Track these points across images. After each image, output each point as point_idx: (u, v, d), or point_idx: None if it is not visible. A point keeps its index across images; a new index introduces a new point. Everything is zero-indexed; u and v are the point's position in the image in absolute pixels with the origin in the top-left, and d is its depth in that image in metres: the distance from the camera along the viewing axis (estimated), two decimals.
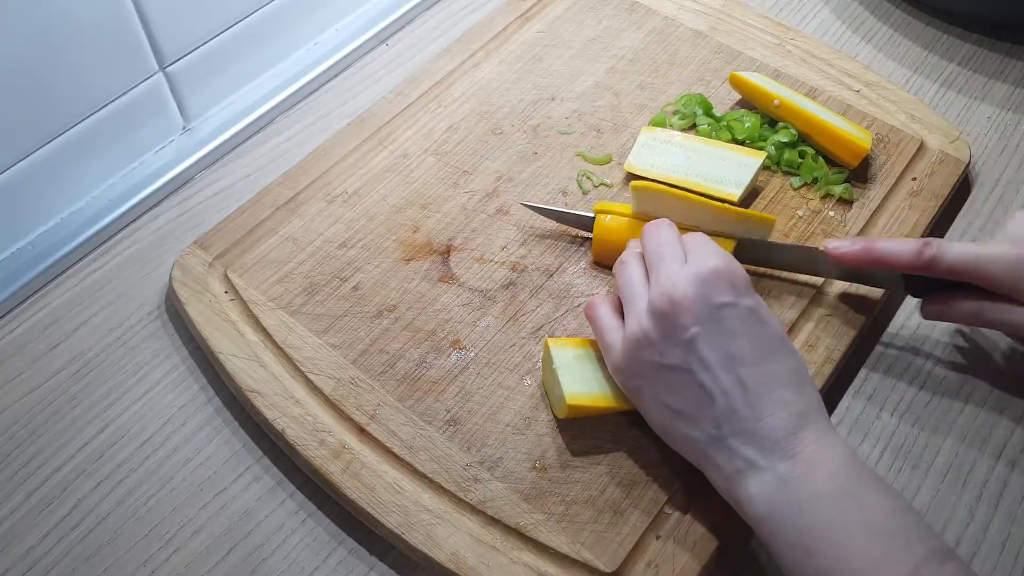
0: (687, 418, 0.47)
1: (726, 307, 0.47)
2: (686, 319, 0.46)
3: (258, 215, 0.63)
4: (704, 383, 0.46)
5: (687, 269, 0.48)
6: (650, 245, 0.51)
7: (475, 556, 0.49)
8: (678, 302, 0.47)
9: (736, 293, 0.47)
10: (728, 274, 0.48)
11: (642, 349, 0.48)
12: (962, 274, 0.51)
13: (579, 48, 0.74)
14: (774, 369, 0.46)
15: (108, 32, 0.59)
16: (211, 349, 0.56)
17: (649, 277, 0.50)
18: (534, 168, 0.66)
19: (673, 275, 0.48)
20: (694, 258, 0.49)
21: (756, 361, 0.46)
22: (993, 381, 0.57)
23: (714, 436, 0.46)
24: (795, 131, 0.65)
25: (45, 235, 0.63)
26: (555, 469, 0.52)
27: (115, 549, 0.51)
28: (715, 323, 0.46)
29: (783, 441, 0.45)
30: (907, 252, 0.52)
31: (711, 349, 0.46)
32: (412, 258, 0.61)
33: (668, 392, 0.48)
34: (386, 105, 0.69)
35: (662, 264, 0.49)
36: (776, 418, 0.45)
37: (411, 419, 0.54)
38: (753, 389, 0.46)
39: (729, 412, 0.46)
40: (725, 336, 0.46)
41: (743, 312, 0.47)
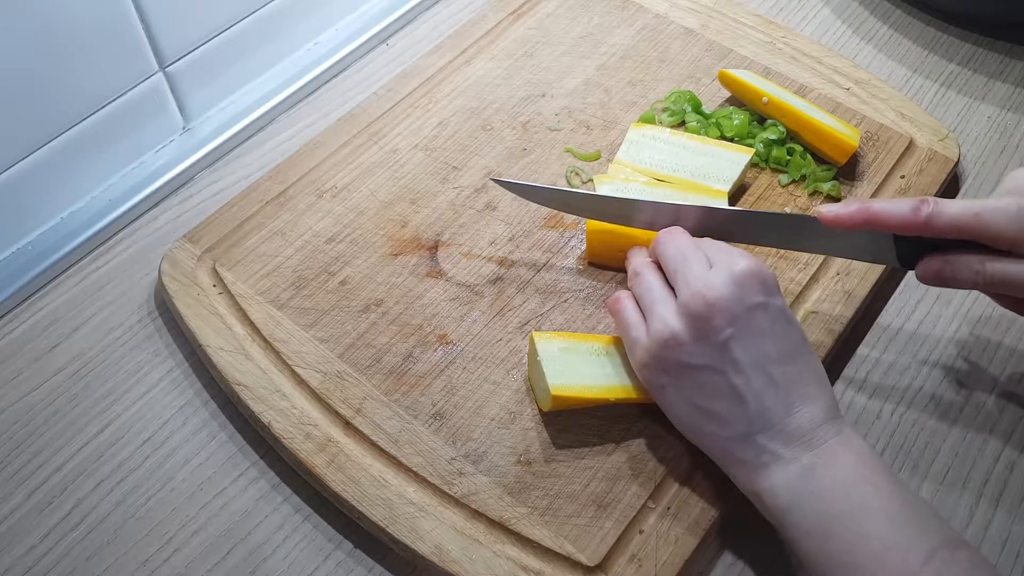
0: (716, 417, 0.47)
1: (759, 308, 0.47)
2: (720, 320, 0.46)
3: (247, 209, 0.63)
4: (736, 384, 0.46)
5: (719, 271, 0.48)
6: (669, 250, 0.51)
7: (459, 549, 0.49)
8: (713, 303, 0.46)
9: (768, 293, 0.47)
10: (760, 274, 0.48)
11: (670, 349, 0.48)
12: (963, 229, 0.48)
13: (570, 45, 0.74)
14: (801, 367, 0.47)
15: (108, 32, 0.59)
16: (198, 342, 0.56)
17: (673, 281, 0.49)
18: (523, 164, 0.66)
19: (704, 276, 0.48)
20: (723, 259, 0.48)
21: (785, 360, 0.47)
22: (992, 381, 0.57)
23: (742, 434, 0.46)
24: (783, 128, 0.66)
25: (45, 235, 0.63)
26: (539, 463, 0.52)
27: (115, 549, 0.51)
28: (748, 324, 0.47)
29: (808, 434, 0.46)
30: (904, 210, 0.49)
31: (744, 350, 0.46)
32: (400, 253, 0.61)
33: (697, 392, 0.48)
34: (377, 101, 0.70)
35: (688, 266, 0.49)
36: (804, 414, 0.46)
37: (397, 413, 0.54)
38: (784, 387, 0.46)
39: (760, 411, 0.46)
40: (757, 337, 0.47)
41: (774, 312, 0.47)
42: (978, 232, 0.48)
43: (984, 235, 0.48)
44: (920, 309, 0.61)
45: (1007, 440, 0.55)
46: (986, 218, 0.48)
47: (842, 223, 0.51)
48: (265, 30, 0.70)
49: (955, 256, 0.50)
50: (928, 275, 0.51)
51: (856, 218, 0.51)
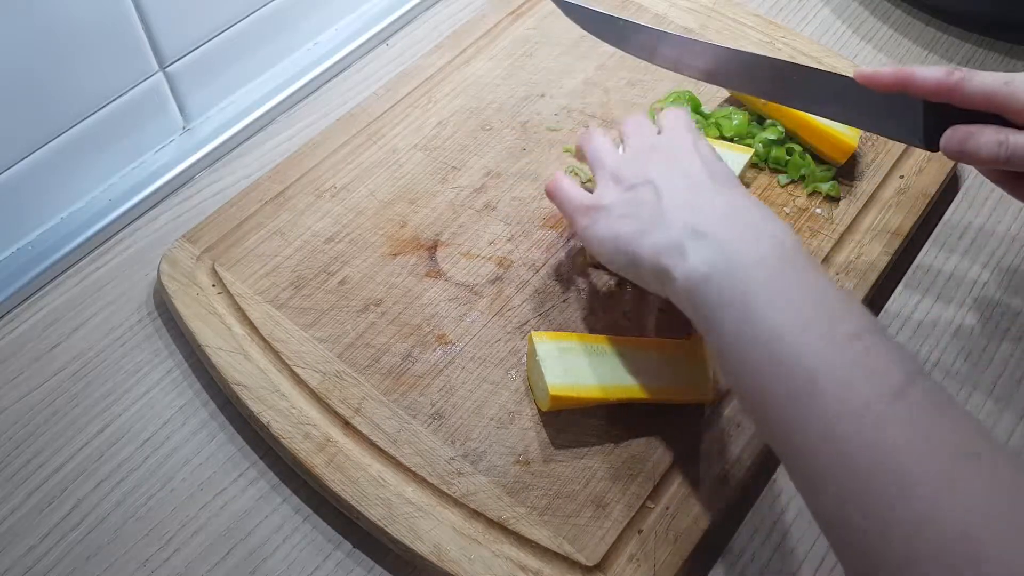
0: (634, 218, 0.49)
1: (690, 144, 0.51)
2: (645, 143, 0.53)
3: (247, 209, 0.63)
4: (660, 189, 0.49)
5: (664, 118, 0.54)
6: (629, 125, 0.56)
7: (457, 549, 0.49)
8: (646, 134, 0.53)
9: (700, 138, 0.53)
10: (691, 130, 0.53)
11: (613, 188, 0.51)
12: (992, 96, 0.48)
13: (569, 45, 0.74)
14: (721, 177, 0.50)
15: (108, 32, 0.59)
16: (198, 342, 0.56)
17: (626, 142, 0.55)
18: (522, 164, 0.66)
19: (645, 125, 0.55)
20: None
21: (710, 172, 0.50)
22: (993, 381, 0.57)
23: (654, 223, 0.48)
24: (783, 128, 0.66)
25: (45, 235, 0.63)
26: (538, 463, 0.52)
27: (115, 549, 0.51)
28: (672, 148, 0.51)
29: (727, 217, 0.47)
30: (937, 73, 0.49)
31: (666, 167, 0.50)
32: (399, 253, 0.61)
33: (629, 209, 0.50)
34: (377, 101, 0.70)
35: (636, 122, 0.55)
36: (720, 195, 0.48)
37: (396, 413, 0.54)
38: (696, 178, 0.49)
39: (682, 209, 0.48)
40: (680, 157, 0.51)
41: (702, 149, 0.51)
42: (1007, 101, 0.48)
43: (1013, 105, 0.47)
44: (920, 309, 0.60)
45: (1007, 440, 0.55)
46: (1016, 87, 0.47)
47: (878, 82, 0.51)
48: (265, 30, 0.70)
49: (981, 127, 0.49)
50: (952, 145, 0.50)
51: (891, 78, 0.51)
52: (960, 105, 0.49)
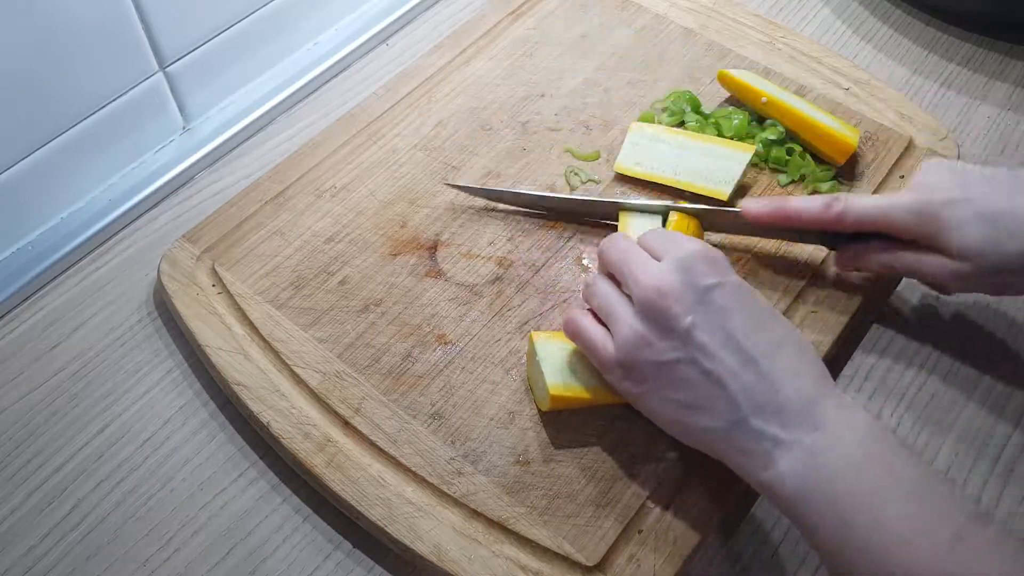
0: (700, 410, 0.46)
1: (714, 288, 0.46)
2: (678, 308, 0.46)
3: (247, 209, 0.63)
4: (710, 369, 0.45)
5: (665, 261, 0.48)
6: (613, 254, 0.50)
7: (457, 549, 0.49)
8: (667, 293, 0.46)
9: (719, 273, 0.47)
10: (707, 255, 0.48)
11: (639, 351, 0.47)
12: (869, 225, 0.53)
13: (569, 45, 0.74)
14: (775, 337, 0.46)
15: (108, 32, 0.59)
16: (197, 342, 0.56)
17: (624, 284, 0.49)
18: (522, 164, 0.66)
19: (651, 269, 0.47)
20: (668, 248, 0.48)
21: (756, 331, 0.46)
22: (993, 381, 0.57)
23: (733, 421, 0.45)
24: (783, 128, 0.66)
25: (45, 235, 0.63)
26: (538, 463, 0.52)
27: (115, 549, 0.51)
28: (707, 306, 0.46)
29: (805, 411, 0.44)
30: (816, 208, 0.54)
31: (709, 333, 0.46)
32: (399, 253, 0.61)
33: (675, 388, 0.46)
34: (376, 100, 0.70)
35: (635, 265, 0.48)
36: (792, 386, 0.44)
37: (396, 413, 0.54)
38: (761, 359, 0.45)
39: (742, 391, 0.45)
40: (719, 316, 0.46)
41: (731, 289, 0.47)
42: (884, 227, 0.53)
43: (890, 230, 0.53)
44: (920, 309, 0.60)
45: (1007, 440, 0.55)
46: (891, 215, 0.53)
47: (760, 220, 0.56)
48: (265, 30, 0.70)
49: (869, 247, 0.55)
50: (845, 264, 0.58)
51: (775, 215, 0.56)
52: (843, 231, 0.55)
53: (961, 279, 0.51)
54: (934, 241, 0.51)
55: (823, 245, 0.58)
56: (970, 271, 0.51)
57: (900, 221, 0.52)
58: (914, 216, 0.52)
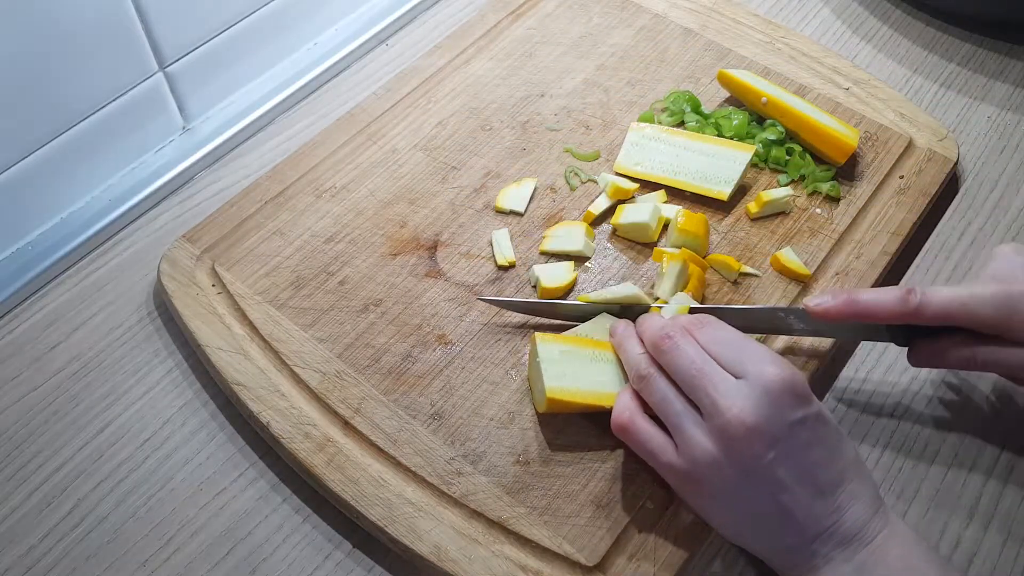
0: (765, 531, 0.46)
1: (798, 423, 0.45)
2: (760, 446, 0.44)
3: (246, 209, 0.63)
4: (783, 502, 0.44)
5: (749, 388, 0.45)
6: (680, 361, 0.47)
7: (457, 549, 0.49)
8: (752, 428, 0.44)
9: (804, 403, 0.45)
10: (792, 384, 0.45)
11: (708, 470, 0.45)
12: (950, 318, 0.50)
13: (569, 45, 0.74)
14: (842, 467, 0.45)
15: (108, 32, 0.59)
16: (197, 342, 0.56)
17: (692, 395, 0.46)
18: (522, 164, 0.66)
19: (734, 396, 0.44)
20: (746, 365, 0.45)
21: (829, 465, 0.45)
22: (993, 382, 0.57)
23: (794, 544, 0.45)
24: (783, 128, 0.66)
25: (45, 235, 0.63)
26: (538, 463, 0.52)
27: (115, 549, 0.51)
28: (790, 442, 0.44)
29: (859, 532, 0.45)
30: (892, 301, 0.50)
31: (788, 469, 0.44)
32: (399, 253, 0.61)
33: (739, 507, 0.46)
34: (376, 101, 0.70)
35: (709, 382, 0.45)
36: (852, 513, 0.45)
37: (396, 413, 0.54)
38: (830, 493, 0.45)
39: (809, 519, 0.45)
40: (800, 452, 0.44)
41: (812, 422, 0.45)
42: (965, 320, 0.50)
43: (971, 323, 0.49)
44: None
45: (1006, 440, 0.55)
46: (973, 307, 0.49)
47: (830, 316, 0.51)
48: (265, 30, 0.70)
49: (945, 344, 0.51)
50: (920, 361, 0.53)
51: (844, 311, 0.51)
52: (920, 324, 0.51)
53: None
54: (1019, 334, 0.49)
55: (892, 342, 0.54)
56: None
57: (983, 313, 0.49)
58: (998, 308, 0.49)
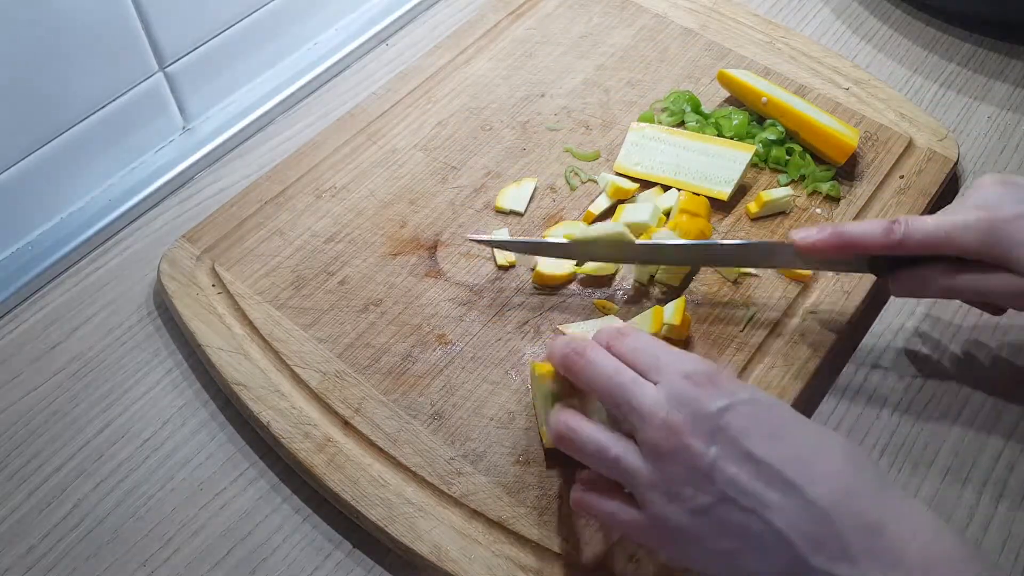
0: (750, 554, 0.40)
1: (726, 410, 0.41)
2: (697, 442, 0.41)
3: (246, 209, 0.63)
4: (748, 506, 0.40)
5: (666, 387, 0.42)
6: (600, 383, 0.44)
7: (457, 548, 0.49)
8: (681, 425, 0.41)
9: (729, 392, 0.42)
10: (710, 373, 0.43)
11: (667, 507, 0.41)
12: (934, 247, 0.50)
13: (569, 45, 0.74)
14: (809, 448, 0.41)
15: (108, 32, 0.59)
16: (197, 342, 0.56)
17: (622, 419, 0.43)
18: (522, 164, 0.66)
19: (653, 399, 0.42)
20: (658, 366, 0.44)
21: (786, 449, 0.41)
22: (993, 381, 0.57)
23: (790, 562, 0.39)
24: (783, 128, 0.66)
25: (45, 235, 0.63)
26: (538, 463, 0.52)
27: (115, 549, 0.51)
28: (724, 432, 0.41)
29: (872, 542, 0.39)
30: (877, 233, 0.51)
31: (735, 463, 0.40)
32: (399, 253, 0.61)
33: (717, 536, 0.41)
34: (376, 100, 0.70)
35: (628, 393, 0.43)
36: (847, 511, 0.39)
37: (396, 413, 0.54)
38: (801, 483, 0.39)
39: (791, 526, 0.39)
40: (742, 440, 0.41)
41: (744, 405, 0.42)
42: (949, 248, 0.50)
43: (955, 250, 0.50)
44: (920, 308, 0.60)
45: (1007, 440, 0.55)
46: (956, 235, 0.50)
47: (816, 250, 0.52)
48: (265, 30, 0.70)
49: (927, 271, 0.52)
50: (903, 290, 0.54)
51: (830, 243, 0.52)
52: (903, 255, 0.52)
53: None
54: (1003, 259, 0.49)
55: (873, 273, 0.55)
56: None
57: (967, 241, 0.49)
58: (982, 234, 0.49)
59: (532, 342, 0.57)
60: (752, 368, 0.56)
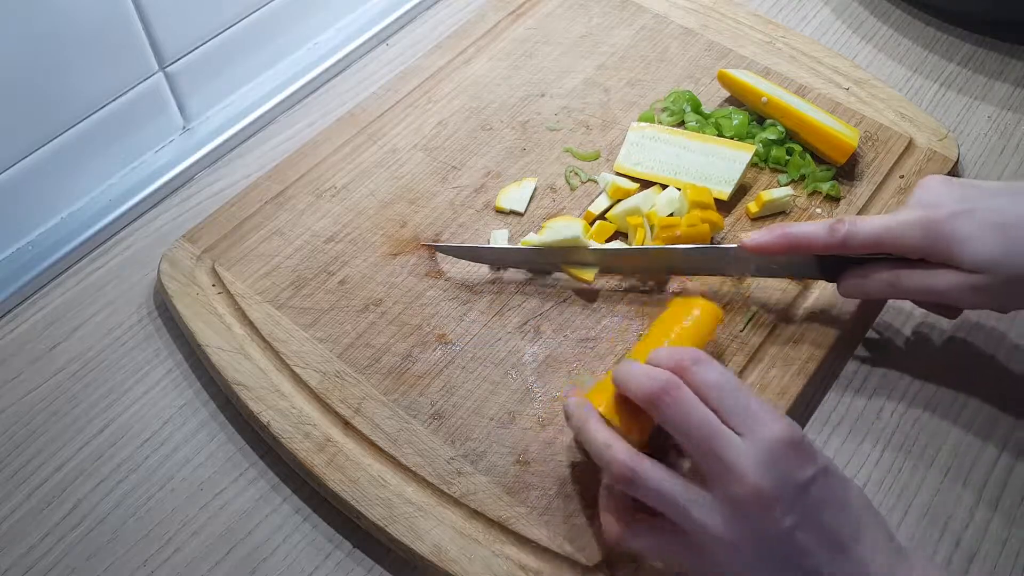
0: None
1: (810, 482, 0.42)
2: (778, 512, 0.42)
3: (247, 209, 0.63)
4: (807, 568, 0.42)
5: (756, 449, 0.42)
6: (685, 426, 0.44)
7: (457, 548, 0.49)
8: (768, 495, 0.41)
9: (811, 460, 0.43)
10: (797, 441, 0.43)
11: (731, 557, 0.42)
12: (877, 246, 0.51)
13: (570, 45, 0.74)
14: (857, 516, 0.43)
15: (108, 32, 0.59)
16: (197, 342, 0.56)
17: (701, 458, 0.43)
18: (522, 164, 0.66)
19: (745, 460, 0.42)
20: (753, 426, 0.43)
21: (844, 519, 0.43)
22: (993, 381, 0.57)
23: None
24: (783, 128, 0.66)
25: (45, 235, 0.63)
26: (538, 463, 0.52)
27: (115, 549, 0.51)
28: (805, 503, 0.42)
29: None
30: (821, 232, 0.52)
31: (807, 533, 0.42)
32: (399, 253, 0.61)
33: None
34: (376, 100, 0.70)
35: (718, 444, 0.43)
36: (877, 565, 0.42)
37: (396, 413, 0.54)
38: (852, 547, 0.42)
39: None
40: (816, 512, 0.42)
41: (822, 478, 0.43)
42: (892, 246, 0.51)
43: (897, 248, 0.51)
44: (920, 308, 0.60)
45: (1007, 440, 0.55)
46: (899, 233, 0.51)
47: (765, 249, 0.54)
48: (265, 30, 0.70)
49: (871, 271, 0.53)
50: (849, 290, 0.55)
51: (779, 243, 0.53)
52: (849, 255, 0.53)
53: (975, 292, 0.50)
54: (945, 256, 0.50)
55: (823, 279, 0.56)
56: (985, 283, 0.49)
57: (909, 238, 0.50)
58: (923, 231, 0.50)
59: (532, 342, 0.57)
60: (752, 368, 0.56)
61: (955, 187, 0.52)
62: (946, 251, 0.50)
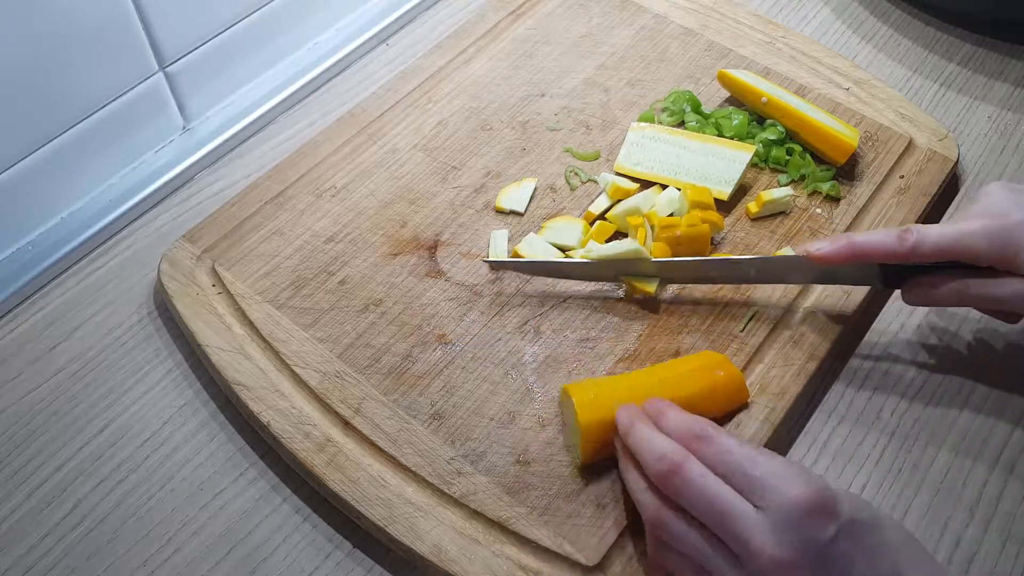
0: None
1: (835, 540, 0.41)
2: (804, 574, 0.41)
3: (247, 209, 0.63)
4: None
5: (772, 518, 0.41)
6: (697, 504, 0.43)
7: (457, 549, 0.49)
8: (790, 563, 0.41)
9: (833, 517, 0.42)
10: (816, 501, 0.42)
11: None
12: (945, 254, 0.51)
13: (569, 45, 0.74)
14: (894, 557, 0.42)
15: (108, 32, 0.59)
16: (197, 342, 0.56)
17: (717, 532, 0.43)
18: (522, 164, 0.66)
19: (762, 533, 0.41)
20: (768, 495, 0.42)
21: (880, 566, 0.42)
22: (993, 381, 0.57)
23: None
24: (783, 128, 0.66)
25: (45, 235, 0.63)
26: (538, 463, 0.52)
27: (115, 549, 0.51)
28: (831, 562, 0.41)
29: None
30: (889, 241, 0.52)
31: None
32: (399, 253, 0.61)
33: None
34: (376, 100, 0.70)
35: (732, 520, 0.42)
36: None
37: (396, 413, 0.54)
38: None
39: None
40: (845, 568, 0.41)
41: (847, 532, 0.42)
42: (960, 255, 0.51)
43: (966, 256, 0.51)
44: (920, 308, 0.60)
45: (1007, 440, 0.55)
46: (967, 241, 0.51)
47: (830, 259, 0.53)
48: (265, 30, 0.70)
49: (938, 279, 0.53)
50: (914, 298, 0.55)
51: (844, 252, 0.53)
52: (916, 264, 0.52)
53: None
54: (1012, 264, 0.50)
55: (884, 287, 0.56)
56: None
57: (977, 247, 0.50)
58: (991, 240, 0.50)
59: (532, 342, 0.57)
60: (752, 368, 0.56)
61: (1020, 194, 0.51)
62: (1014, 259, 0.50)
